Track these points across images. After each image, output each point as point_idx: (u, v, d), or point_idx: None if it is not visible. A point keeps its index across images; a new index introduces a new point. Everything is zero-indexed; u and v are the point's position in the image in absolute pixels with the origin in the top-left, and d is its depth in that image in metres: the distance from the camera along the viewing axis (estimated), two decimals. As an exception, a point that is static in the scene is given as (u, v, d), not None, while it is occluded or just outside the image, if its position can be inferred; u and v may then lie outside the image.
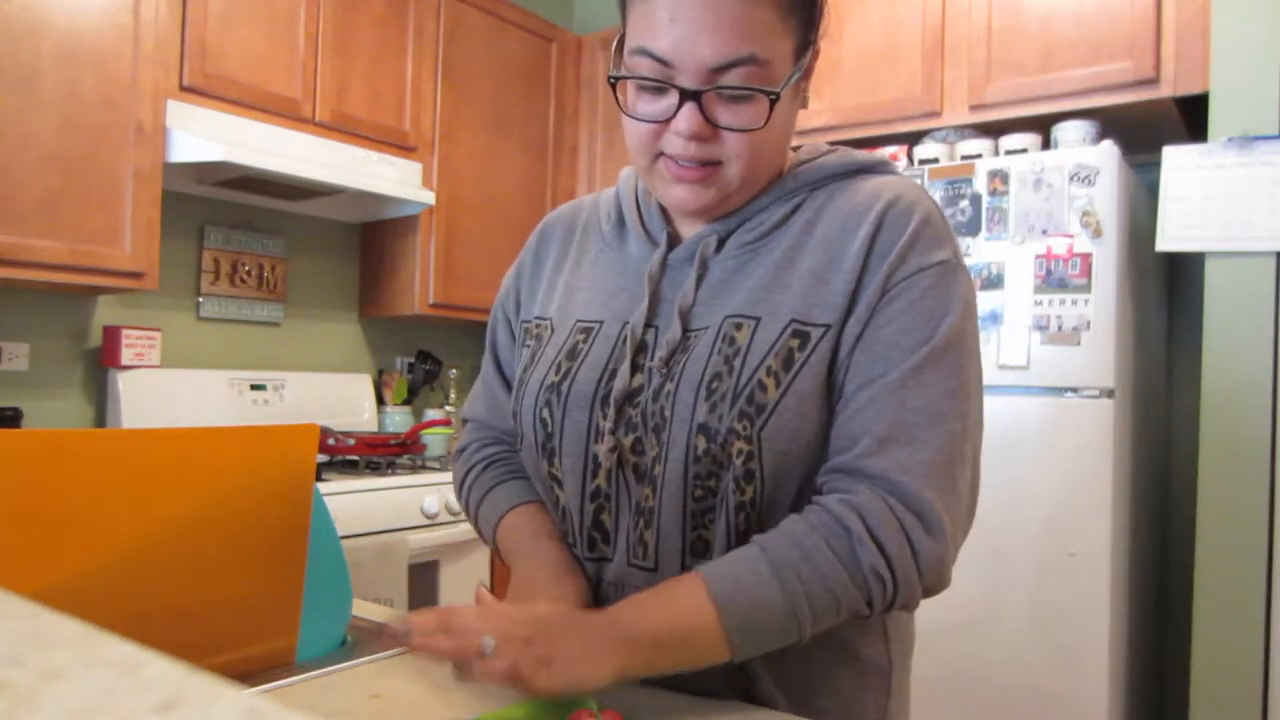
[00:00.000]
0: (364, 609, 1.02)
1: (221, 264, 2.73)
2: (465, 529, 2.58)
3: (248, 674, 0.79)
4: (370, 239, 3.09)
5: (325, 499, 0.94)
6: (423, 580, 2.45)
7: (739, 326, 0.78)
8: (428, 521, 2.48)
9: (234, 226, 2.76)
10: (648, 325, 0.83)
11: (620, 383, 0.80)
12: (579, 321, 0.88)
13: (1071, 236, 2.14)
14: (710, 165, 0.78)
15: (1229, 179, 2.02)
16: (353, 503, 2.31)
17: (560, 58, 3.36)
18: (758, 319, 0.78)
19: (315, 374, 2.89)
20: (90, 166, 2.11)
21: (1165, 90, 2.21)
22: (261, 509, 0.79)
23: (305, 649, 0.85)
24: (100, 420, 2.46)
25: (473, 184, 3.04)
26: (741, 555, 0.73)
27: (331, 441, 2.53)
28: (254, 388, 2.69)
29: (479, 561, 2.64)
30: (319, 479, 2.28)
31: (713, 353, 0.78)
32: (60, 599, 0.66)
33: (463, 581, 2.59)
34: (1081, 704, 2.05)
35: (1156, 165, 2.17)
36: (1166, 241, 2.09)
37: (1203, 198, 2.05)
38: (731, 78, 0.74)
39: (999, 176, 2.24)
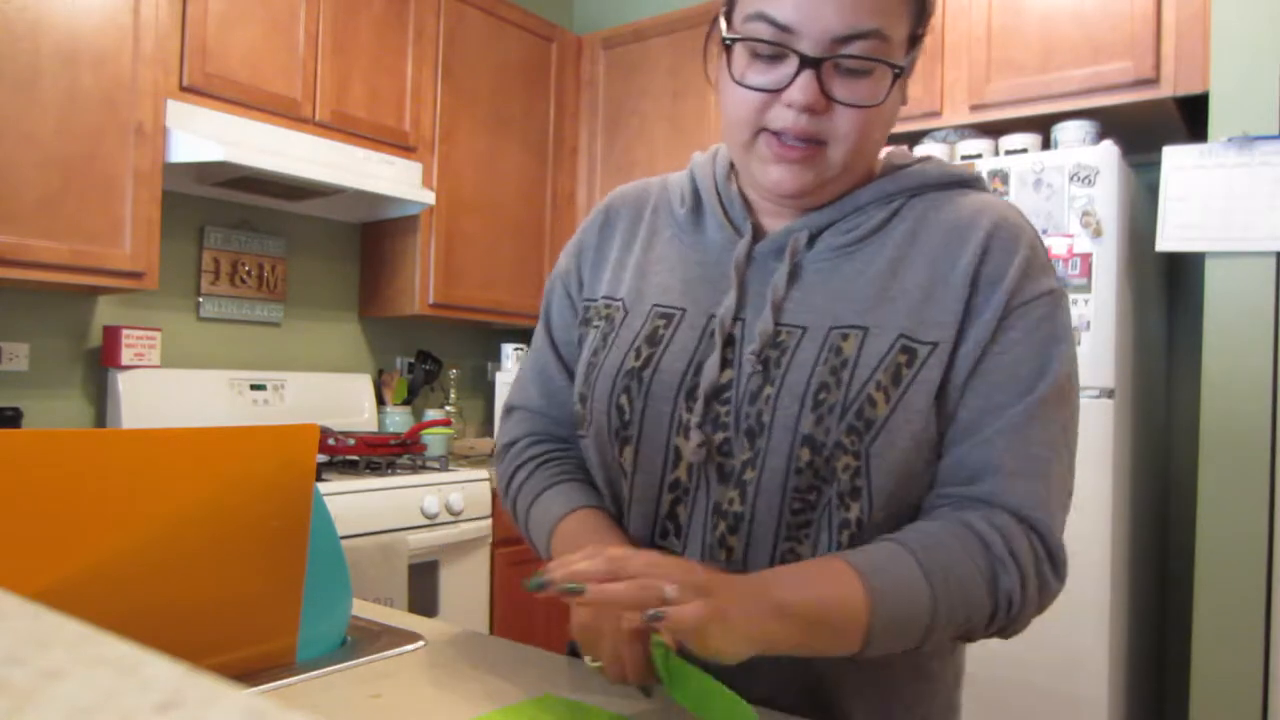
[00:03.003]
0: (364, 609, 1.01)
1: (221, 264, 2.73)
2: (465, 529, 2.58)
3: (248, 674, 0.79)
4: (370, 239, 3.09)
5: (325, 499, 0.93)
6: (423, 580, 2.45)
7: (845, 337, 0.75)
8: (428, 521, 2.48)
9: (234, 226, 2.77)
10: (735, 318, 0.80)
11: (709, 376, 0.78)
12: (656, 306, 0.84)
13: (1071, 236, 2.14)
14: (815, 145, 0.75)
15: (1229, 179, 2.02)
16: (353, 503, 2.31)
17: (560, 58, 3.36)
18: (865, 329, 0.75)
19: (315, 374, 2.89)
20: (90, 166, 2.11)
21: (1165, 90, 2.21)
22: (261, 509, 0.79)
23: (305, 649, 0.85)
24: (100, 420, 2.46)
25: (473, 184, 3.04)
26: (887, 550, 0.69)
27: (331, 441, 2.53)
28: (254, 388, 2.69)
29: (479, 561, 2.64)
30: (319, 479, 2.28)
31: (818, 362, 0.75)
32: (60, 599, 0.66)
33: (463, 581, 2.59)
34: (1081, 704, 2.05)
35: (1156, 165, 2.17)
36: (1166, 241, 2.08)
37: (1203, 197, 2.04)
38: (853, 49, 0.72)
39: (999, 176, 2.24)
